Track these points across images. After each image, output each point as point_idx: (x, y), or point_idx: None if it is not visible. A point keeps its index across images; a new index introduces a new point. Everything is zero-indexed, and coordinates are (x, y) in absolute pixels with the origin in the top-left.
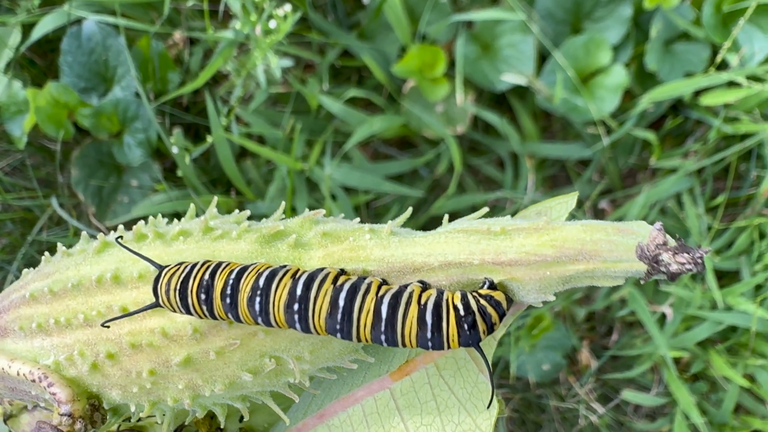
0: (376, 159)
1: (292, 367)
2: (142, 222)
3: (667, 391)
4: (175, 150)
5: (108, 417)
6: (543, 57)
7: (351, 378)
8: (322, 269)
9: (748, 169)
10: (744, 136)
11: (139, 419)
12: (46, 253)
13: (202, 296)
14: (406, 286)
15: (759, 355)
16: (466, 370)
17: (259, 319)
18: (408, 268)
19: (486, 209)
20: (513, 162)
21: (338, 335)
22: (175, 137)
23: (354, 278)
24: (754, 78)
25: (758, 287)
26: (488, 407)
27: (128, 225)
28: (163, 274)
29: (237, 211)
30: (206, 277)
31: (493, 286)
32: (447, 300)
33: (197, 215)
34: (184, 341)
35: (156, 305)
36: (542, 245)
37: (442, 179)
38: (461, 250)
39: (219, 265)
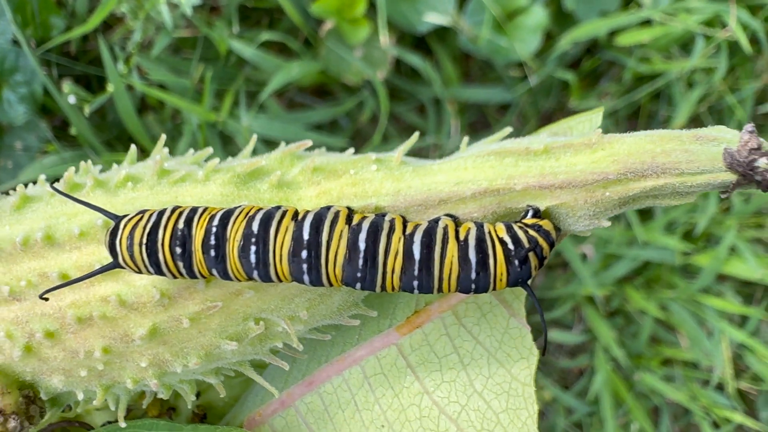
0: (292, 109)
1: (284, 329)
2: (72, 168)
3: (586, 328)
4: (72, 100)
5: (47, 409)
6: None
7: (342, 338)
8: (328, 208)
9: (657, 109)
10: (655, 77)
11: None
12: None
13: (177, 250)
14: (436, 221)
15: (671, 287)
16: (493, 316)
17: (255, 274)
18: (431, 201)
19: (509, 129)
20: (434, 108)
21: (358, 285)
22: (67, 89)
23: (371, 216)
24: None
25: (671, 223)
26: (543, 353)
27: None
28: (122, 226)
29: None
30: (180, 225)
31: (538, 215)
32: (490, 234)
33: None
34: (147, 309)
35: (115, 266)
36: (600, 162)
37: (363, 128)
38: (498, 174)
39: (195, 210)
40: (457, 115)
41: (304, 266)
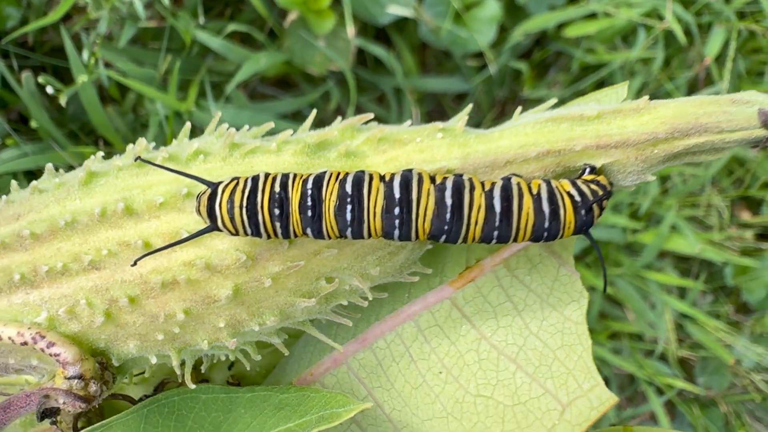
0: (254, 100)
1: (351, 286)
2: (142, 140)
3: None
4: (50, 90)
5: (116, 375)
6: None
7: (392, 296)
8: (410, 170)
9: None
10: (600, 67)
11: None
12: None
13: (276, 211)
14: (509, 179)
15: (617, 265)
16: (543, 266)
17: (348, 231)
18: (498, 162)
19: (555, 99)
20: (395, 98)
21: (442, 238)
22: (32, 81)
23: (452, 176)
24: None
25: (616, 205)
26: (604, 291)
27: None
28: (220, 191)
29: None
30: (277, 189)
31: (594, 171)
32: (558, 188)
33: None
34: (231, 271)
35: (212, 229)
36: (649, 124)
37: (326, 118)
38: (558, 138)
39: (287, 176)
40: (416, 104)
41: (397, 221)
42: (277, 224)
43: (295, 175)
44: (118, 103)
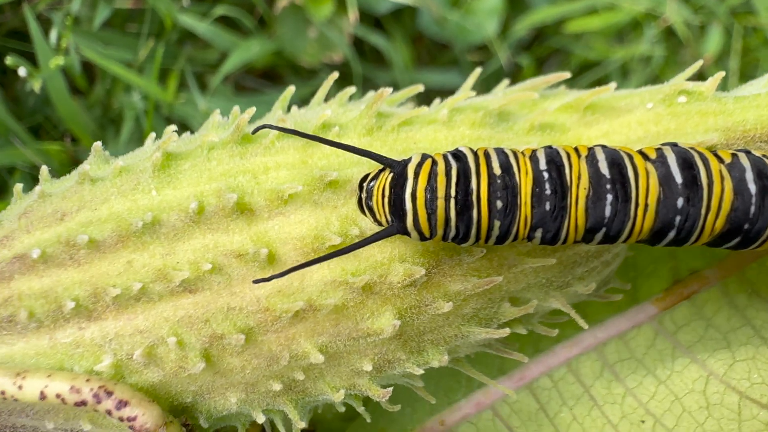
0: (239, 93)
1: (548, 307)
2: (244, 114)
3: None
4: (23, 72)
5: None
6: None
7: (563, 322)
8: (675, 143)
9: None
10: (597, 64)
11: None
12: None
13: (498, 204)
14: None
15: None
16: None
17: (602, 231)
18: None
19: None
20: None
21: (670, 234)
22: (10, 61)
23: (668, 146)
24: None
25: None
26: None
27: None
28: (412, 174)
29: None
30: (497, 172)
31: None
32: None
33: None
34: (394, 292)
35: (397, 231)
36: None
37: None
38: None
39: (503, 153)
40: (413, 99)
41: (691, 210)
42: (497, 223)
43: (515, 153)
44: (85, 95)
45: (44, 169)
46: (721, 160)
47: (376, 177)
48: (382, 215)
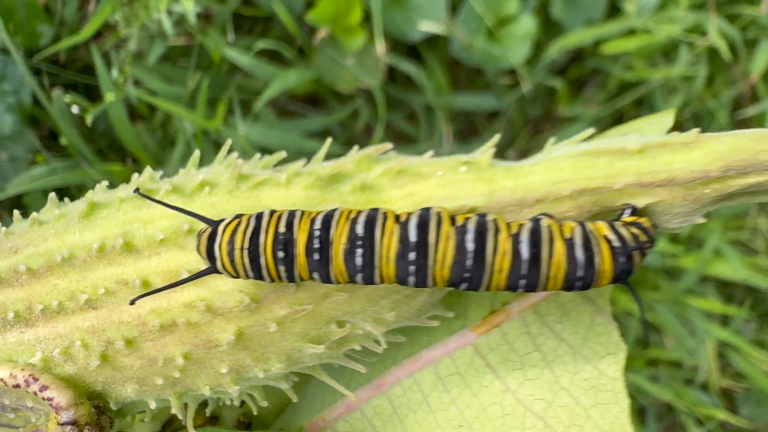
0: (283, 117)
1: (364, 331)
2: (147, 169)
3: None
4: (75, 110)
5: (115, 420)
6: (452, 7)
7: (410, 340)
8: (428, 209)
9: (640, 116)
10: (637, 84)
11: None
12: None
13: (280, 254)
14: (537, 221)
15: (655, 289)
16: (577, 313)
17: (359, 276)
18: (527, 201)
19: (592, 130)
20: (426, 116)
21: (463, 285)
22: (69, 99)
23: (475, 216)
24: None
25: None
26: (645, 347)
27: (1, 204)
28: (220, 231)
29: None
30: (282, 229)
31: (636, 212)
32: (593, 232)
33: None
34: (233, 314)
35: (211, 271)
36: (700, 160)
37: (354, 136)
38: (595, 174)
39: (293, 214)
40: (448, 122)
41: (412, 268)
42: (282, 268)
43: (302, 213)
44: (147, 120)
45: (16, 213)
46: (454, 223)
47: (205, 230)
48: (205, 258)
